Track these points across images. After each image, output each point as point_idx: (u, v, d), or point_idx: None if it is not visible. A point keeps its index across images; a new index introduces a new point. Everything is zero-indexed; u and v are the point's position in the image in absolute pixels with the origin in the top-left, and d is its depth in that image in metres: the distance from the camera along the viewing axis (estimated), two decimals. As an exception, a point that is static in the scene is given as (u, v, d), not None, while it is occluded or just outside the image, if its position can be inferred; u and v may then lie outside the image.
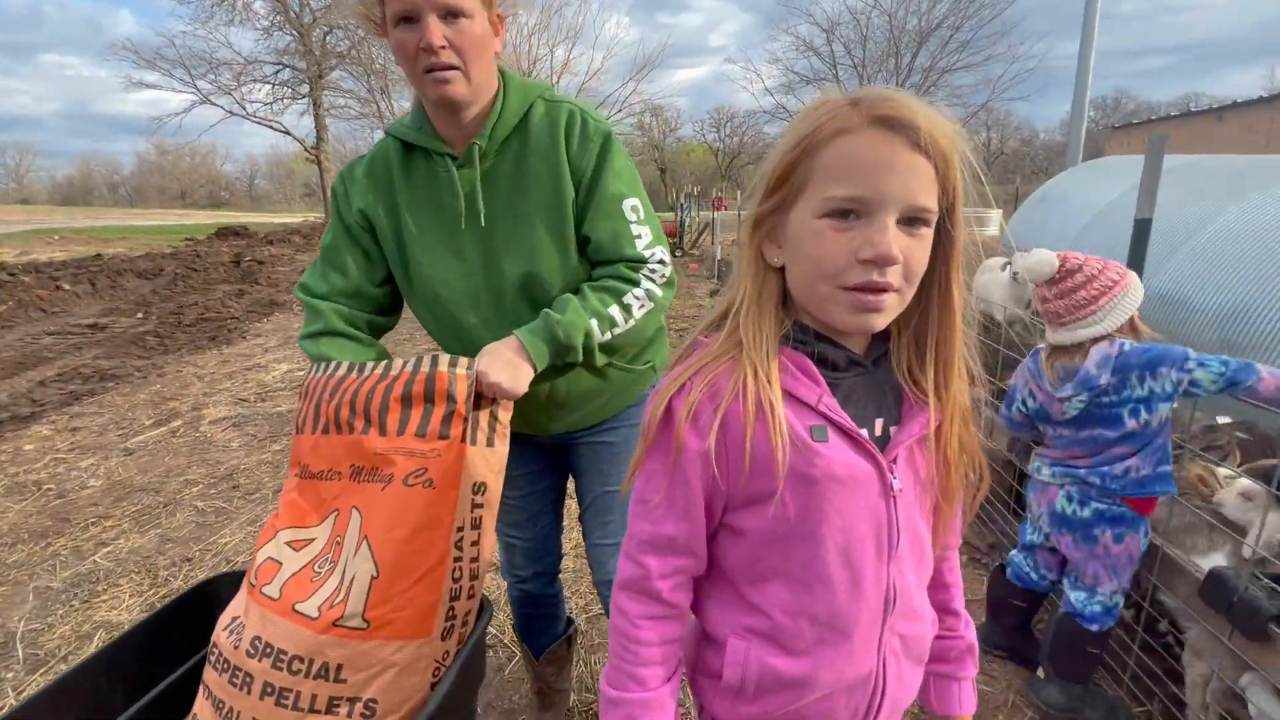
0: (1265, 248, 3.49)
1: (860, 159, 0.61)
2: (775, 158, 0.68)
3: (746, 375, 0.65)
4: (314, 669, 0.94)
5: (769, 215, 0.68)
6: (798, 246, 0.66)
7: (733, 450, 0.66)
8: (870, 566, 0.69)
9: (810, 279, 0.65)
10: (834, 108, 0.64)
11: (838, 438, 0.67)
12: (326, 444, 1.07)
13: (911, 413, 0.71)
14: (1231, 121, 13.57)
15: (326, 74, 22.24)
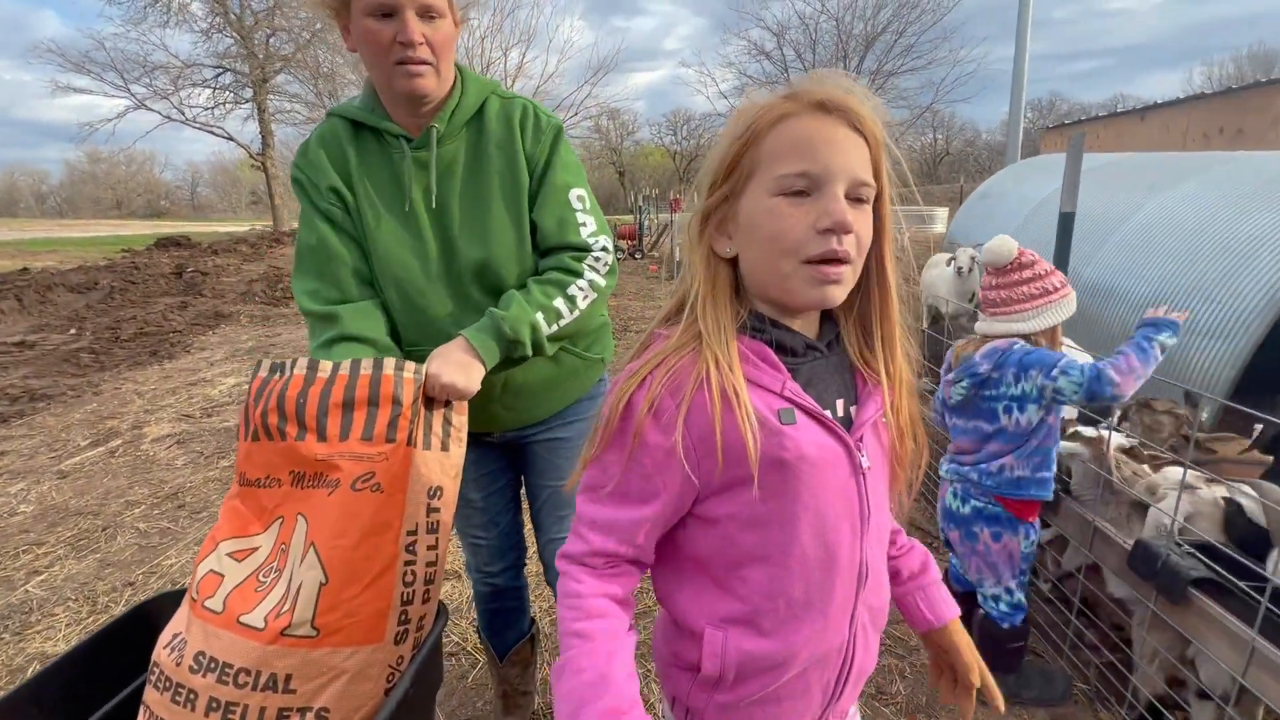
0: (1182, 237, 3.73)
1: (806, 138, 0.65)
2: (718, 153, 0.70)
3: (709, 365, 0.66)
4: (262, 681, 0.92)
5: (717, 207, 0.71)
6: (754, 230, 0.68)
7: (702, 441, 0.66)
8: (846, 544, 0.71)
9: (771, 257, 0.67)
10: (770, 100, 0.68)
11: (805, 419, 0.68)
12: (259, 451, 1.05)
13: (868, 392, 0.75)
14: (1153, 121, 14.51)
15: (271, 78, 21.50)
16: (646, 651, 2.00)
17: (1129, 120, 15.92)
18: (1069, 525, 2.02)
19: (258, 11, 20.89)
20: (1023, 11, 10.58)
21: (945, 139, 41.41)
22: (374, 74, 1.09)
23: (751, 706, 0.74)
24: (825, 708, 0.78)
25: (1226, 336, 3.08)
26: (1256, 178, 3.67)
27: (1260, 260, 3.10)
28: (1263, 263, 3.08)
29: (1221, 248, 3.35)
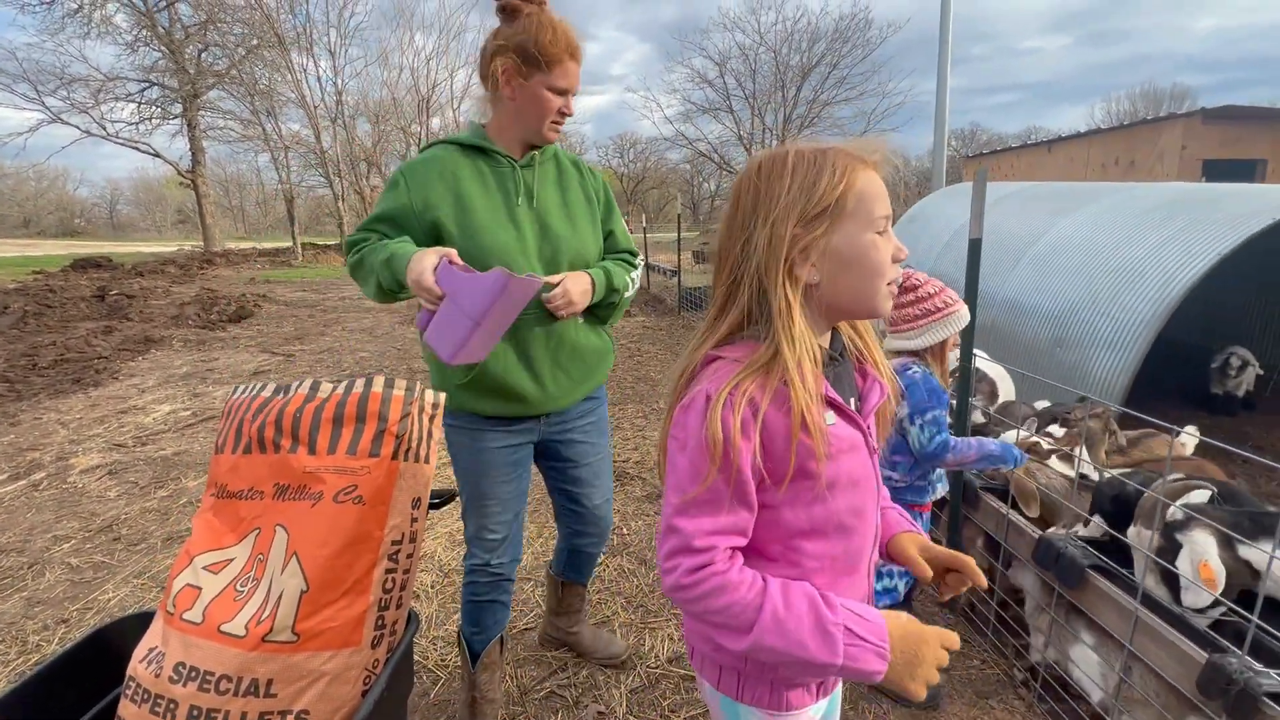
0: (1081, 258, 4.14)
1: (879, 190, 0.82)
2: (807, 192, 0.79)
3: (795, 383, 0.76)
4: (243, 687, 0.96)
5: (815, 239, 0.80)
6: (856, 259, 0.80)
7: (777, 448, 0.77)
8: (870, 512, 0.87)
9: (870, 281, 0.81)
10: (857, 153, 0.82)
11: (838, 416, 0.82)
12: (248, 464, 1.09)
13: (870, 387, 0.91)
14: (1059, 153, 15.92)
15: (203, 93, 20.70)
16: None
17: (1038, 151, 17.41)
18: (988, 521, 2.23)
19: (189, 25, 20.15)
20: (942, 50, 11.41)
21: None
22: (527, 121, 1.47)
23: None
24: None
25: (1119, 348, 3.44)
26: (1141, 206, 4.12)
27: (1145, 279, 3.49)
28: (1147, 281, 3.46)
29: (1113, 268, 3.74)
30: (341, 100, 20.21)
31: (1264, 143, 12.06)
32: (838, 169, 0.80)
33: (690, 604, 0.78)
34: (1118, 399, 3.38)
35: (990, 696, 2.01)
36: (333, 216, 21.78)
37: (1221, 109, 12.56)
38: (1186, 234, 3.49)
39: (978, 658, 2.18)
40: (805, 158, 0.82)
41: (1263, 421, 4.45)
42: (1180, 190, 4.30)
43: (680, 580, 0.76)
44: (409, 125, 22.58)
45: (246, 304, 9.03)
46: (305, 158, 21.57)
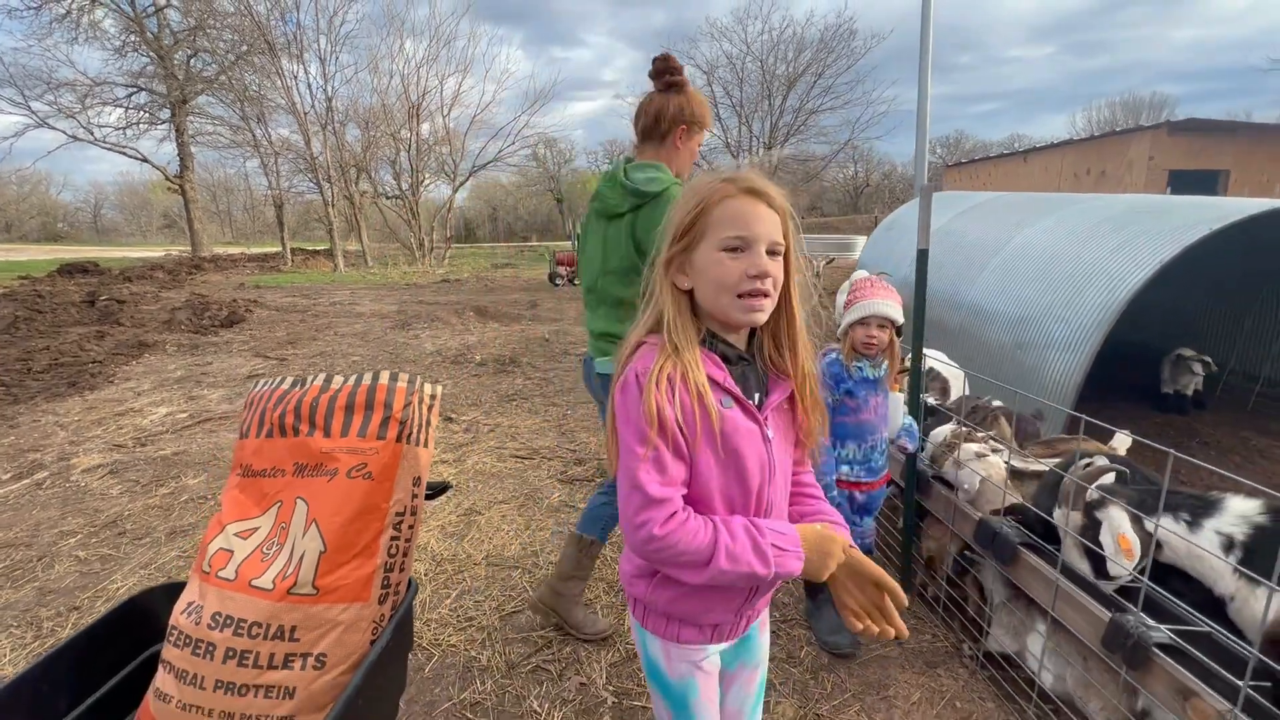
0: (1040, 265, 4.38)
1: (741, 213, 1.00)
2: (679, 217, 1.03)
3: (688, 370, 0.97)
4: (271, 631, 1.13)
5: (677, 255, 1.03)
6: (705, 273, 1.01)
7: (687, 420, 0.97)
8: (757, 485, 1.04)
9: (717, 292, 1.00)
10: (716, 183, 1.02)
11: (736, 405, 1.02)
12: (270, 446, 1.27)
13: (775, 385, 1.09)
14: (1034, 162, 16.40)
15: (191, 99, 20.72)
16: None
17: (1015, 161, 17.92)
18: (936, 505, 2.43)
19: (178, 31, 20.19)
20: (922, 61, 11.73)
21: (866, 172, 44.20)
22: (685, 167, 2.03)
23: (689, 599, 1.07)
24: (744, 602, 1.10)
25: (1072, 349, 3.67)
26: (1095, 218, 4.38)
27: (1095, 285, 3.73)
28: (1097, 287, 3.70)
29: (1067, 275, 3.98)
30: (332, 106, 20.30)
31: (1227, 154, 12.53)
32: (699, 197, 1.01)
33: (661, 553, 0.93)
34: (1070, 397, 3.61)
35: (938, 666, 2.20)
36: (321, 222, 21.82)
37: (1186, 121, 13.04)
38: (1133, 244, 3.73)
39: (929, 632, 2.37)
40: (687, 189, 1.05)
41: (1211, 419, 4.71)
42: (1132, 202, 4.56)
43: (654, 532, 0.92)
44: (398, 131, 22.71)
45: (238, 309, 9.13)
46: (295, 163, 21.61)
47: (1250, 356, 5.30)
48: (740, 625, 1.15)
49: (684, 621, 1.09)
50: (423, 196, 24.16)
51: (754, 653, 1.24)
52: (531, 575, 2.77)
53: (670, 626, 1.10)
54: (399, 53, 21.61)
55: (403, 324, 8.73)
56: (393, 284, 15.36)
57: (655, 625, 1.11)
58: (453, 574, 2.78)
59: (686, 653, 1.12)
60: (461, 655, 2.26)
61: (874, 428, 2.17)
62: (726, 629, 1.13)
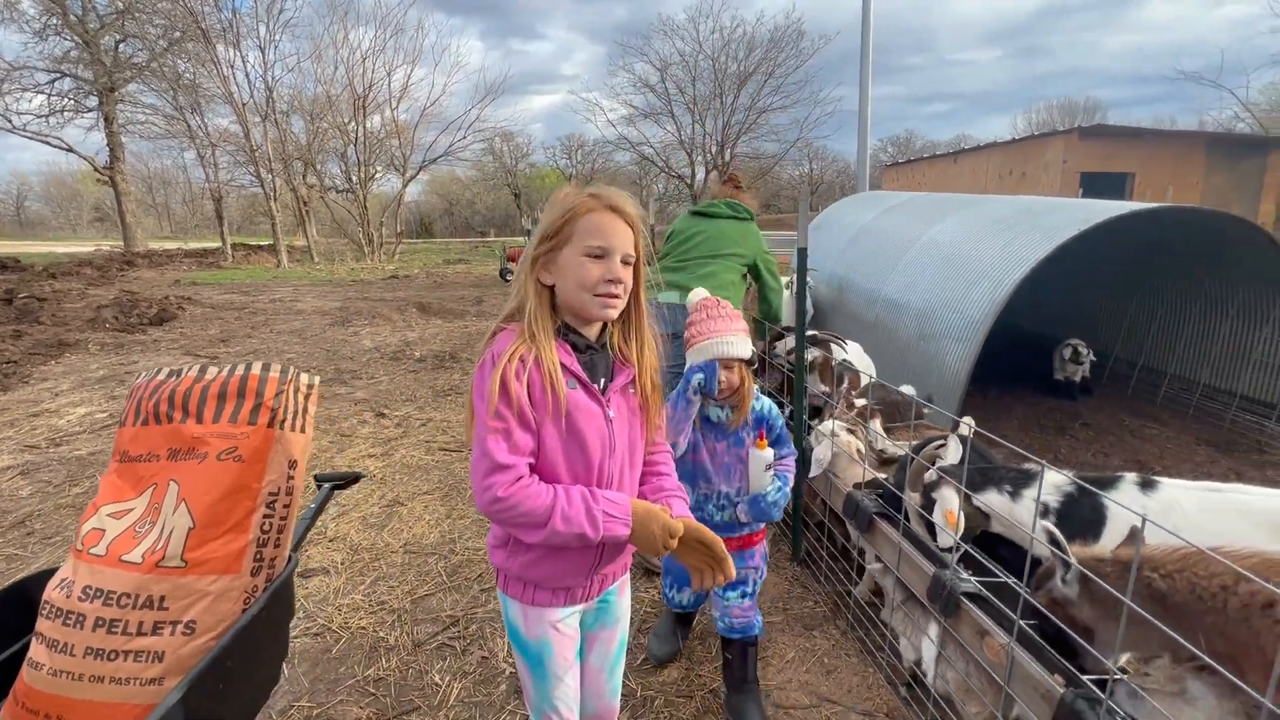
0: (945, 262, 4.69)
1: (603, 226, 1.17)
2: (549, 222, 1.20)
3: (542, 354, 1.13)
4: (140, 601, 1.23)
5: (544, 254, 1.20)
6: (569, 274, 1.17)
7: (532, 394, 1.12)
8: (598, 459, 1.19)
9: (578, 290, 1.17)
10: (584, 197, 1.20)
11: (581, 387, 1.18)
12: (145, 433, 1.35)
13: (619, 371, 1.25)
14: (963, 163, 17.30)
15: (120, 86, 19.72)
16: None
17: (946, 162, 18.87)
18: (818, 485, 2.65)
19: (104, 14, 19.17)
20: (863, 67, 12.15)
21: (820, 169, 45.21)
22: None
23: (540, 564, 1.21)
24: (591, 571, 1.25)
25: (963, 340, 3.98)
26: (991, 217, 4.72)
27: (984, 280, 4.04)
28: (986, 282, 4.01)
29: (963, 270, 4.29)
30: (272, 96, 19.64)
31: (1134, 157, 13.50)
32: (568, 206, 1.19)
33: (504, 512, 1.08)
34: (962, 383, 3.91)
35: (815, 629, 2.42)
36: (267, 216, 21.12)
37: (1096, 127, 14.00)
38: (1016, 242, 4.06)
39: (811, 599, 2.59)
40: (557, 198, 1.23)
41: (1095, 404, 5.14)
42: (1022, 203, 4.92)
43: (499, 494, 1.07)
44: (346, 123, 22.14)
45: (169, 306, 8.85)
46: (234, 155, 20.84)
47: (1132, 345, 5.78)
48: (593, 588, 1.29)
49: (539, 585, 1.24)
50: (373, 190, 23.64)
51: (612, 613, 1.39)
52: (448, 561, 2.88)
53: (526, 590, 1.24)
54: (344, 42, 21.02)
55: (343, 321, 8.62)
56: (338, 280, 15.03)
57: (513, 589, 1.26)
58: (369, 562, 2.87)
59: (542, 614, 1.25)
60: (370, 636, 2.36)
61: (709, 475, 1.81)
62: (579, 592, 1.27)
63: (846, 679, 2.14)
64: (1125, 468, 3.91)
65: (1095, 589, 1.33)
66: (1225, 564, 1.09)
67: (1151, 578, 1.21)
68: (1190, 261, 5.21)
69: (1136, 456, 4.06)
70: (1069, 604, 1.36)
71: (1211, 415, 4.76)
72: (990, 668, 1.58)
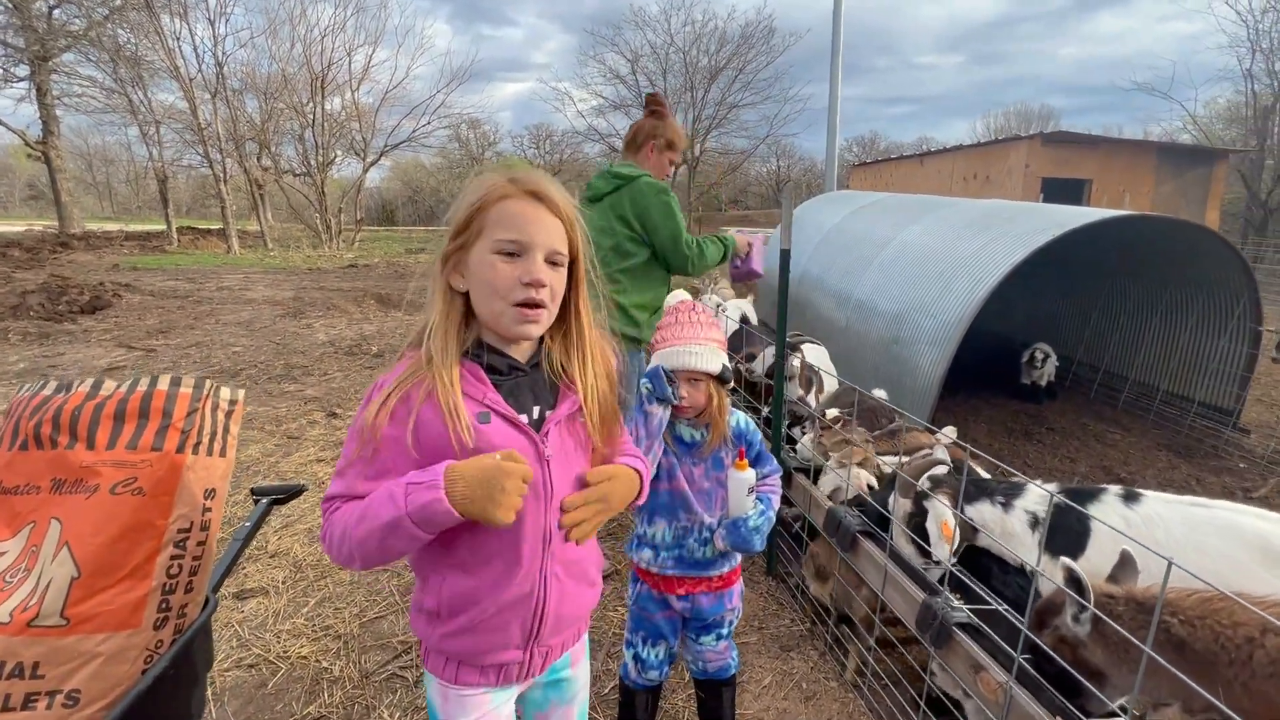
0: (914, 264, 4.65)
1: (518, 215, 0.93)
2: (458, 212, 0.96)
3: (440, 384, 0.91)
4: (6, 670, 1.01)
5: (454, 253, 0.96)
6: (479, 274, 0.94)
7: (432, 438, 0.90)
8: (529, 512, 0.94)
9: (488, 297, 0.94)
10: (498, 181, 0.95)
11: (499, 421, 0.94)
12: (24, 460, 1.13)
13: (564, 397, 1.02)
14: (929, 166, 17.62)
15: (54, 55, 18.40)
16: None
17: (913, 164, 19.19)
18: (797, 496, 2.54)
19: (36, -23, 17.83)
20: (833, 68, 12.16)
21: (787, 167, 45.57)
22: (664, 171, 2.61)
23: (463, 635, 0.99)
24: (529, 643, 1.02)
25: (938, 343, 3.93)
26: (961, 220, 4.70)
27: (957, 284, 4.00)
28: (958, 286, 3.98)
29: (936, 273, 4.26)
30: (223, 73, 18.65)
31: (1091, 164, 13.96)
32: (479, 194, 0.95)
33: (326, 542, 0.93)
34: (935, 387, 3.87)
35: (792, 649, 2.31)
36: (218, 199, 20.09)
37: (1057, 134, 14.40)
38: (990, 247, 4.03)
39: (788, 617, 2.48)
40: (470, 182, 0.98)
41: (1059, 407, 5.22)
42: (993, 207, 4.93)
43: (322, 534, 0.94)
44: (303, 104, 21.20)
45: (104, 293, 8.25)
46: (181, 134, 19.74)
47: (1095, 349, 5.90)
48: (534, 664, 1.04)
49: (463, 662, 1.00)
50: (332, 175, 22.75)
51: (565, 690, 1.15)
52: (400, 579, 2.67)
53: (449, 667, 1.01)
54: (300, 18, 20.08)
55: (296, 312, 8.19)
56: (293, 268, 14.39)
57: (434, 664, 1.03)
58: (314, 580, 2.64)
59: (465, 698, 1.01)
60: (311, 667, 2.15)
61: (689, 504, 1.56)
62: (514, 669, 1.03)
63: (827, 707, 2.03)
64: (1092, 473, 3.95)
65: (1109, 631, 1.23)
66: (1255, 613, 0.99)
67: (1170, 622, 1.11)
68: (1154, 270, 5.32)
69: (1102, 462, 4.10)
70: (1078, 644, 1.26)
71: (1170, 420, 4.87)
72: (985, 705, 1.48)
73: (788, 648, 2.32)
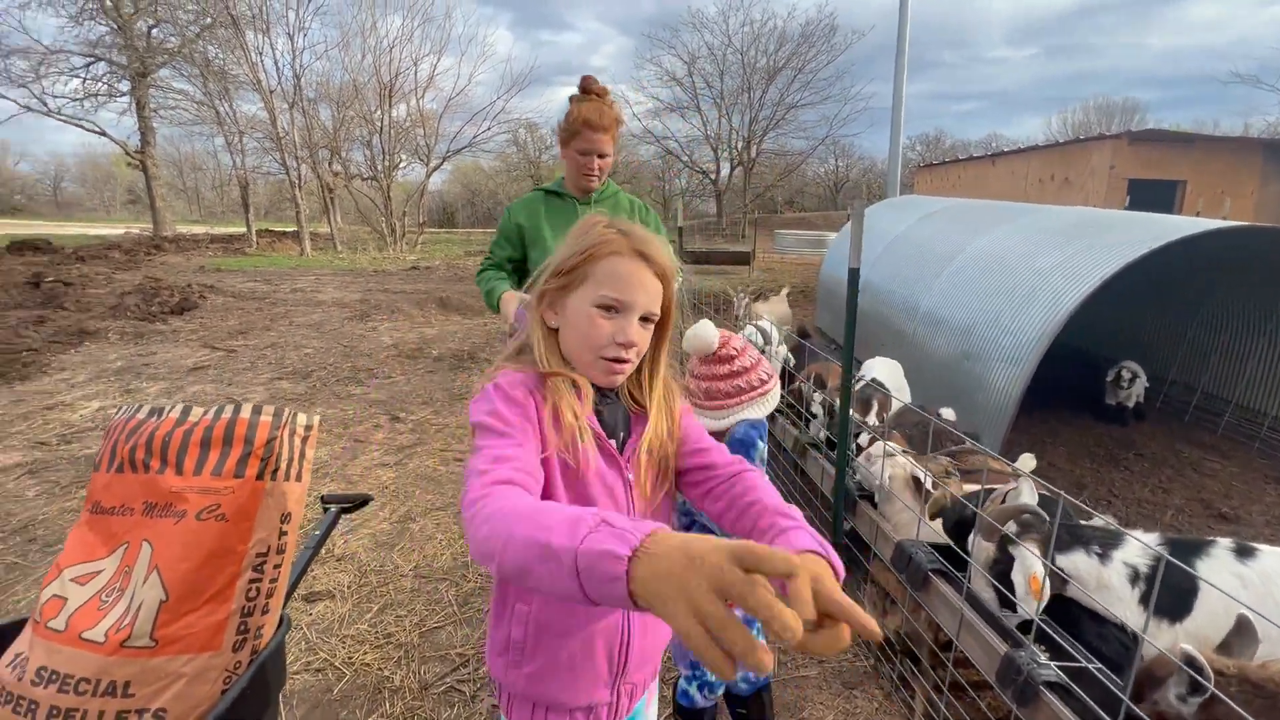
0: (990, 275, 4.41)
1: (624, 274, 0.94)
2: (564, 254, 0.98)
3: (560, 403, 0.92)
4: (101, 688, 1.06)
5: (553, 292, 0.98)
6: (575, 322, 0.97)
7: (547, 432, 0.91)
8: None
9: (580, 347, 0.96)
10: (610, 235, 0.96)
11: (591, 441, 0.95)
12: (120, 482, 1.18)
13: (638, 423, 1.03)
14: (1001, 166, 16.64)
15: (152, 71, 19.90)
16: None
17: (984, 164, 18.17)
18: (862, 525, 2.43)
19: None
20: (898, 66, 11.75)
21: (846, 167, 44.37)
22: (571, 175, 2.13)
23: (550, 675, 0.97)
24: (616, 679, 1.00)
25: (1015, 361, 3.71)
26: (1045, 229, 4.42)
27: (1039, 298, 3.76)
28: (1040, 300, 3.74)
29: (1014, 285, 4.01)
30: (299, 84, 19.69)
31: (1185, 165, 12.83)
32: (588, 243, 0.96)
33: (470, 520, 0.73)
34: (1012, 407, 3.65)
35: (855, 687, 2.21)
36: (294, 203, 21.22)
37: (1146, 132, 13.32)
38: (1077, 258, 3.77)
39: (851, 651, 2.38)
40: (585, 226, 1.00)
41: (1149, 431, 4.82)
42: (1080, 215, 4.61)
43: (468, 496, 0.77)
44: (372, 112, 22.14)
45: (191, 295, 8.83)
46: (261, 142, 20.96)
47: (1191, 369, 5.43)
48: (621, 704, 1.03)
49: (550, 708, 0.99)
50: (397, 179, 23.66)
51: None
52: (459, 589, 2.72)
53: (536, 714, 0.99)
54: (371, 30, 20.98)
55: (362, 315, 8.54)
56: (360, 270, 15.03)
57: (519, 713, 1.00)
58: (377, 586, 2.71)
59: None
60: (374, 675, 2.20)
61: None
62: (604, 711, 1.01)
63: (893, 754, 1.93)
64: (1188, 506, 3.64)
65: (1222, 715, 1.10)
66: None
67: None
68: (1262, 283, 4.85)
69: (1199, 494, 3.76)
70: (1187, 726, 1.13)
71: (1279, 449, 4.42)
72: (1077, 778, 1.36)
73: (850, 685, 2.22)
